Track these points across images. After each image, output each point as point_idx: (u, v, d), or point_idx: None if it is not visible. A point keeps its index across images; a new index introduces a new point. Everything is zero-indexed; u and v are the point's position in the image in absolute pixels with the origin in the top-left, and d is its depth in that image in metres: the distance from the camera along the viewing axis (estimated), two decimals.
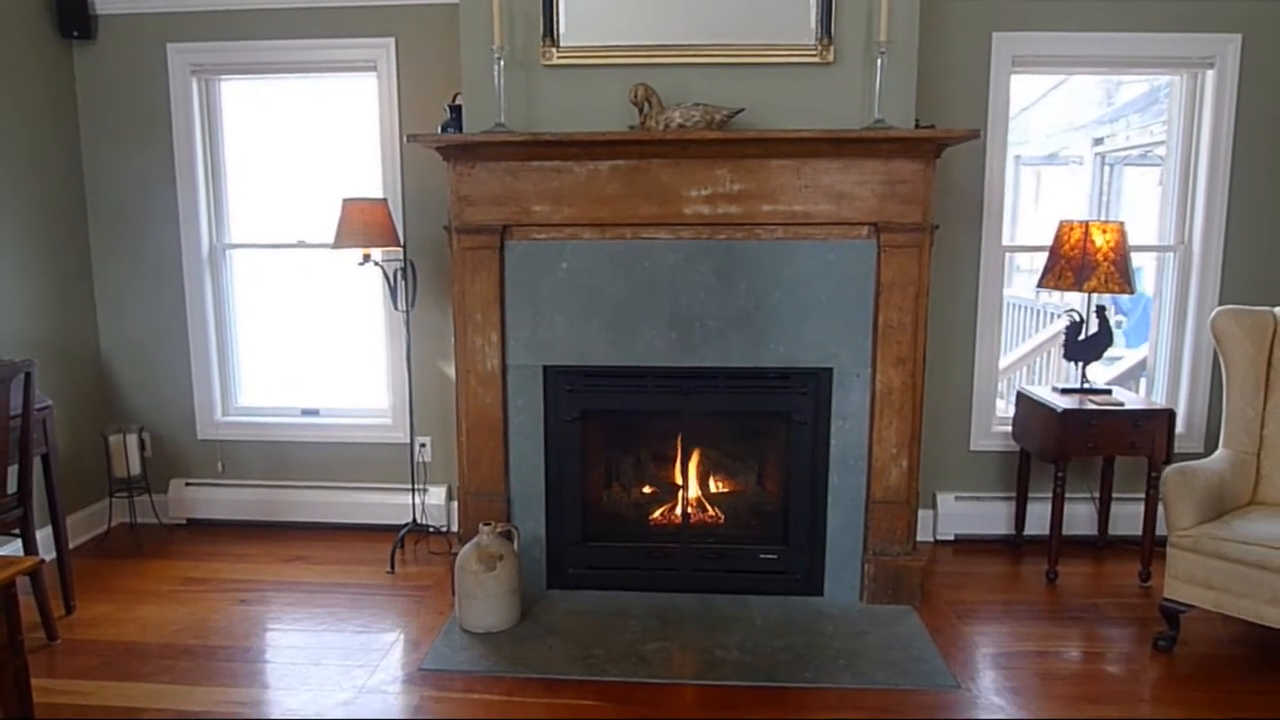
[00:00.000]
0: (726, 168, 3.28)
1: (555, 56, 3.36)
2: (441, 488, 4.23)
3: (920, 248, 3.31)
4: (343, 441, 4.26)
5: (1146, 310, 5.44)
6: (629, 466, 3.84)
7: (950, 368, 4.04)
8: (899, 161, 3.25)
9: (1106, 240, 3.60)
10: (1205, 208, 3.91)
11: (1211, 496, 3.08)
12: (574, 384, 3.50)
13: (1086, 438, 3.60)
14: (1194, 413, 4.07)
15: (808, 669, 3.02)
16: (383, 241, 3.67)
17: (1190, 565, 3.03)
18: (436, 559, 3.94)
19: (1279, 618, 2.87)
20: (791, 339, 3.40)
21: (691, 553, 3.58)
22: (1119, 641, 3.25)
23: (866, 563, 3.49)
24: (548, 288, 3.42)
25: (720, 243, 3.36)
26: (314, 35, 3.93)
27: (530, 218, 3.36)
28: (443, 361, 4.12)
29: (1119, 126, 6.31)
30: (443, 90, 3.76)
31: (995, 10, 3.77)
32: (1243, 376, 3.31)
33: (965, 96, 3.83)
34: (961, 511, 4.15)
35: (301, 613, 3.45)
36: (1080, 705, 2.83)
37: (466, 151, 3.31)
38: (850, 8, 3.28)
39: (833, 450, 3.46)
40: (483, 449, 3.52)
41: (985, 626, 3.36)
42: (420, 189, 4.00)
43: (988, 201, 3.93)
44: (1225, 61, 3.79)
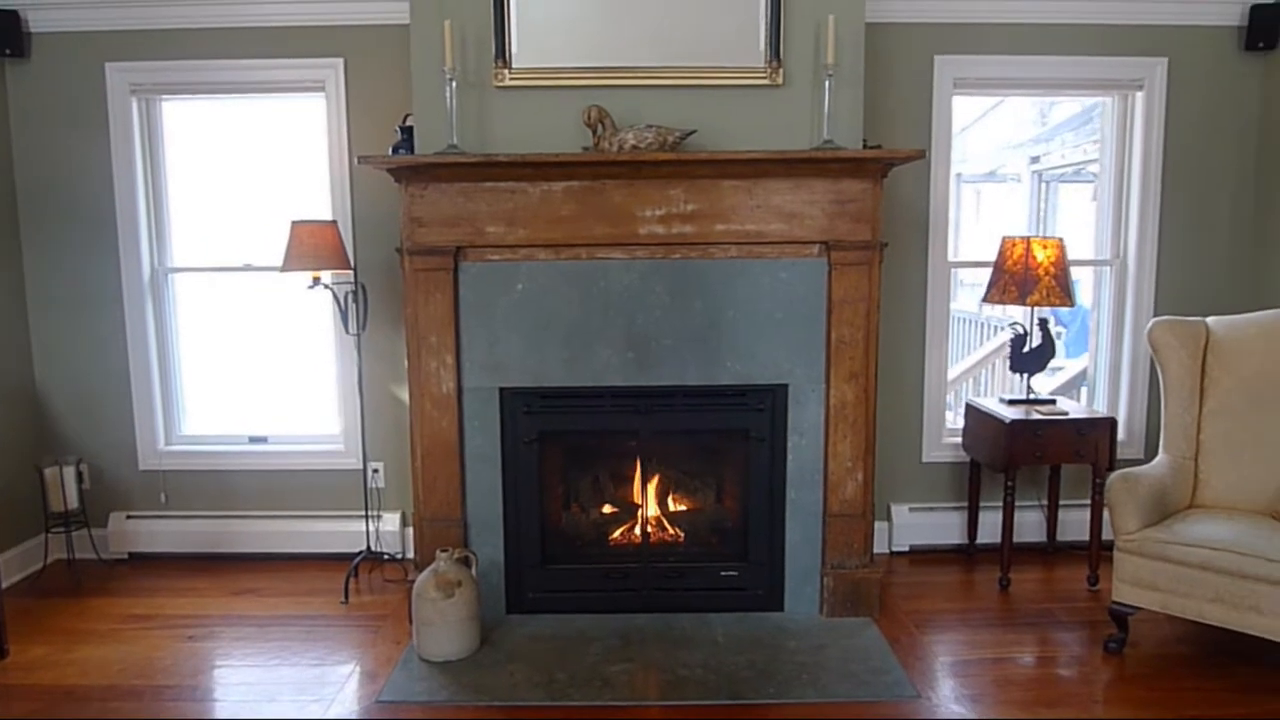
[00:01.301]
0: (680, 188, 3.31)
1: (508, 78, 3.36)
2: (395, 514, 4.16)
3: (870, 265, 3.38)
4: (292, 469, 4.16)
5: (1084, 322, 5.63)
6: (588, 487, 3.83)
7: (901, 381, 4.12)
8: (848, 181, 3.32)
9: (1047, 255, 3.72)
10: (1139, 223, 4.07)
11: (1154, 501, 3.18)
12: (531, 405, 3.48)
13: (1034, 447, 3.69)
14: (1134, 420, 4.21)
15: (771, 685, 3.03)
16: (333, 264, 3.61)
17: (1136, 568, 3.12)
18: (392, 587, 3.87)
19: (1221, 616, 2.97)
20: (747, 356, 3.43)
21: (652, 572, 3.58)
22: (1071, 645, 3.33)
23: (825, 576, 3.52)
24: (503, 309, 3.40)
25: (675, 262, 3.38)
26: (260, 55, 3.87)
27: (484, 239, 3.35)
28: (395, 385, 4.06)
29: (1054, 145, 6.54)
30: (393, 111, 3.74)
31: (936, 34, 3.89)
32: (1179, 384, 3.43)
33: (910, 117, 3.94)
34: (915, 522, 4.22)
35: (253, 647, 3.35)
36: (1036, 709, 2.89)
37: (419, 173, 3.28)
38: (798, 32, 3.35)
39: (790, 466, 3.50)
40: (438, 473, 3.47)
41: (942, 635, 3.42)
42: (370, 211, 3.96)
43: (933, 219, 4.03)
44: (1153, 83, 3.96)
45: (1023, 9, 3.86)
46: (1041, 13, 3.87)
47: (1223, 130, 4.03)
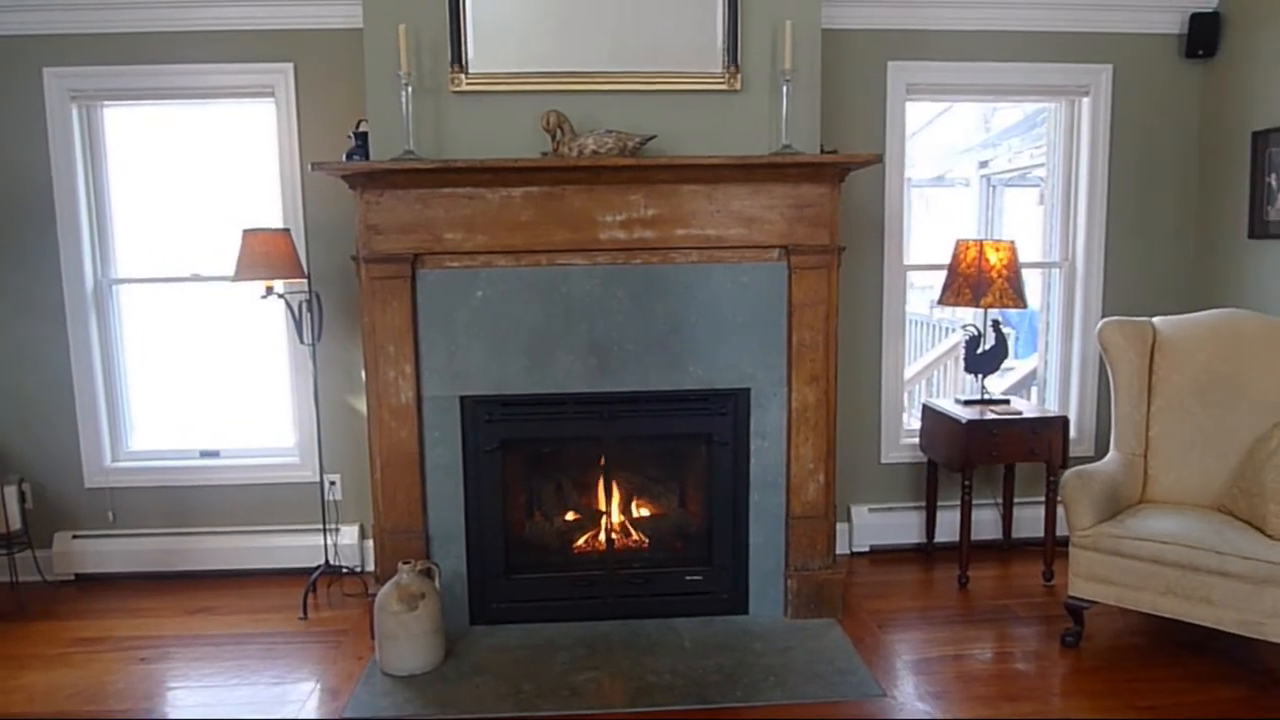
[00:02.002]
0: (640, 193, 3.31)
1: (464, 83, 3.33)
2: (354, 527, 4.08)
3: (829, 269, 3.41)
4: (246, 483, 4.06)
5: (1032, 323, 5.75)
6: (551, 495, 3.80)
7: (859, 384, 4.17)
8: (806, 186, 3.35)
9: (1000, 258, 3.79)
10: (1086, 226, 4.17)
11: (1107, 497, 3.25)
12: (492, 413, 3.44)
13: (990, 446, 3.76)
14: (1084, 418, 4.31)
15: (738, 688, 3.04)
16: (286, 273, 3.54)
17: (1091, 563, 3.20)
18: (352, 601, 3.80)
19: (1173, 608, 3.05)
20: (709, 361, 3.44)
21: (617, 579, 3.56)
22: (1029, 640, 3.39)
23: (789, 578, 3.54)
24: (463, 317, 3.37)
25: (636, 267, 3.38)
26: (206, 60, 3.78)
27: (442, 246, 3.31)
28: (352, 395, 3.99)
29: (1001, 150, 6.68)
30: (345, 117, 3.68)
31: (890, 41, 3.95)
32: (1128, 383, 3.52)
33: (864, 122, 3.99)
34: (875, 523, 4.27)
35: (209, 667, 3.26)
36: (998, 704, 2.94)
37: (374, 179, 3.23)
38: (755, 38, 3.37)
39: (753, 469, 3.51)
40: (398, 484, 3.42)
41: (905, 634, 3.46)
42: (324, 218, 3.89)
43: (888, 223, 4.09)
44: (1099, 89, 4.07)
45: (973, 16, 3.94)
46: (991, 20, 3.95)
47: (1165, 135, 4.15)
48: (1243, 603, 2.92)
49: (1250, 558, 2.90)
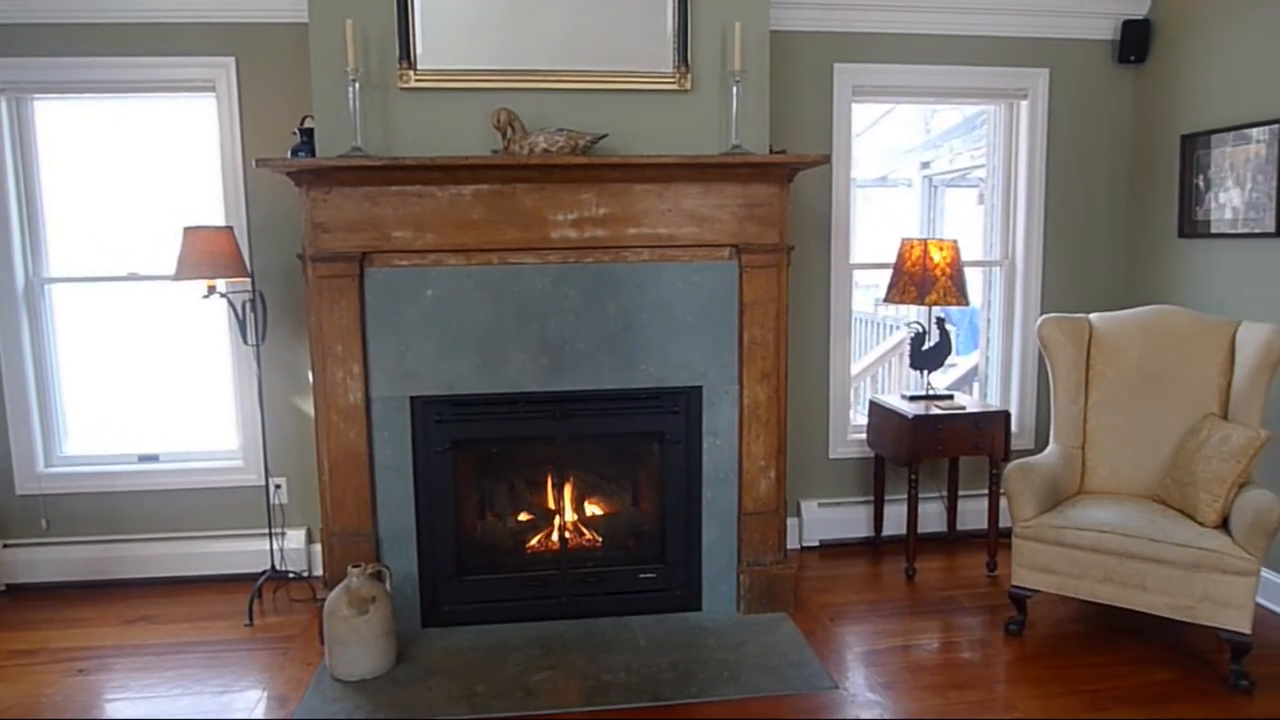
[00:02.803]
0: (592, 192, 3.31)
1: (413, 79, 3.29)
2: (301, 530, 4.00)
3: (779, 267, 3.45)
4: (188, 488, 3.95)
5: (973, 320, 5.90)
6: (503, 495, 3.78)
7: (807, 381, 4.22)
8: (756, 186, 3.38)
9: (943, 257, 3.88)
10: (1025, 225, 4.29)
11: (1048, 489, 3.35)
12: (443, 414, 3.41)
13: (935, 441, 3.84)
14: (1025, 413, 4.43)
15: (693, 684, 3.06)
16: (229, 272, 3.46)
17: (1033, 553, 3.29)
18: (299, 606, 3.72)
19: (1111, 594, 3.16)
20: (661, 359, 3.45)
21: (570, 578, 3.56)
22: (974, 629, 3.48)
23: (741, 574, 3.58)
24: (412, 316, 3.33)
25: (588, 266, 3.37)
26: (144, 53, 3.67)
27: (391, 244, 3.27)
28: (298, 397, 3.92)
29: (942, 151, 6.83)
30: (289, 113, 3.62)
31: (836, 43, 4.01)
32: (1067, 378, 3.63)
33: (812, 123, 4.04)
34: (825, 517, 4.33)
35: (151, 678, 3.17)
36: (946, 692, 3.01)
37: (321, 176, 3.18)
38: (705, 38, 3.40)
39: (705, 466, 3.54)
40: (347, 486, 3.37)
41: (855, 626, 3.52)
42: (268, 216, 3.81)
43: (835, 222, 4.15)
44: (1036, 93, 4.19)
45: (916, 20, 4.02)
46: (933, 24, 4.04)
47: (1100, 138, 4.29)
48: (1175, 588, 3.03)
49: (1182, 544, 3.01)
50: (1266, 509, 2.91)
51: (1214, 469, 3.11)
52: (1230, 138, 3.69)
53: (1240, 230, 3.67)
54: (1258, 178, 3.57)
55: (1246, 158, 3.62)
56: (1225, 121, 3.73)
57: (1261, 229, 3.56)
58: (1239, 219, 3.68)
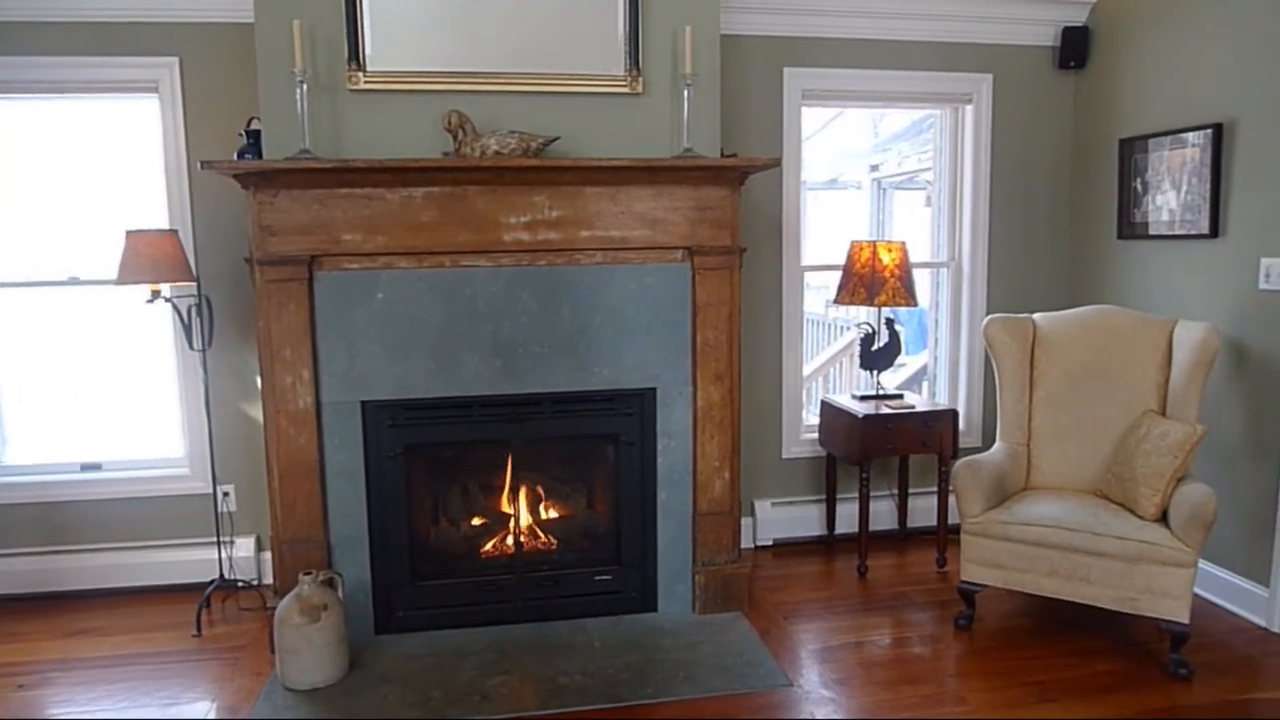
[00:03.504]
0: (545, 194, 3.31)
1: (362, 81, 3.26)
2: (250, 538, 3.93)
3: (731, 269, 3.48)
4: (132, 496, 3.86)
5: (921, 321, 6.01)
6: (457, 499, 3.75)
7: (760, 381, 4.26)
8: (708, 188, 3.40)
9: (892, 258, 3.94)
10: (971, 227, 4.38)
11: (995, 485, 3.42)
12: (395, 418, 3.38)
13: (885, 439, 3.91)
14: (972, 411, 4.52)
15: (649, 685, 3.07)
16: (173, 276, 3.39)
17: (981, 548, 3.35)
18: (249, 615, 3.66)
19: (1056, 588, 3.23)
20: (615, 361, 3.46)
21: (526, 582, 3.54)
22: (925, 624, 3.54)
23: (696, 574, 3.60)
24: (363, 320, 3.29)
25: (541, 269, 3.37)
26: (83, 53, 3.58)
27: (341, 247, 3.23)
28: (245, 402, 3.85)
29: (890, 154, 6.94)
30: (235, 114, 3.56)
31: (786, 48, 4.05)
32: (1012, 376, 3.71)
33: (762, 126, 4.08)
34: (778, 517, 4.37)
35: (95, 691, 3.09)
36: (898, 687, 3.06)
37: (269, 179, 3.13)
38: (656, 42, 3.41)
39: (660, 468, 3.55)
40: (297, 493, 3.32)
41: (809, 624, 3.56)
42: (213, 219, 3.74)
43: (786, 224, 4.19)
44: (980, 97, 4.28)
45: (864, 26, 4.08)
46: (881, 30, 4.11)
47: (1042, 141, 4.39)
48: (1118, 580, 3.12)
49: (1124, 538, 3.10)
50: (1203, 502, 3.01)
51: (1153, 464, 3.20)
52: (1167, 142, 3.81)
53: (1177, 232, 3.79)
54: (1193, 181, 3.68)
55: (1182, 161, 3.73)
56: (1162, 126, 3.85)
57: (1197, 230, 3.68)
58: (1175, 221, 3.79)
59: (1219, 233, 3.59)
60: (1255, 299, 3.45)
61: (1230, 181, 3.54)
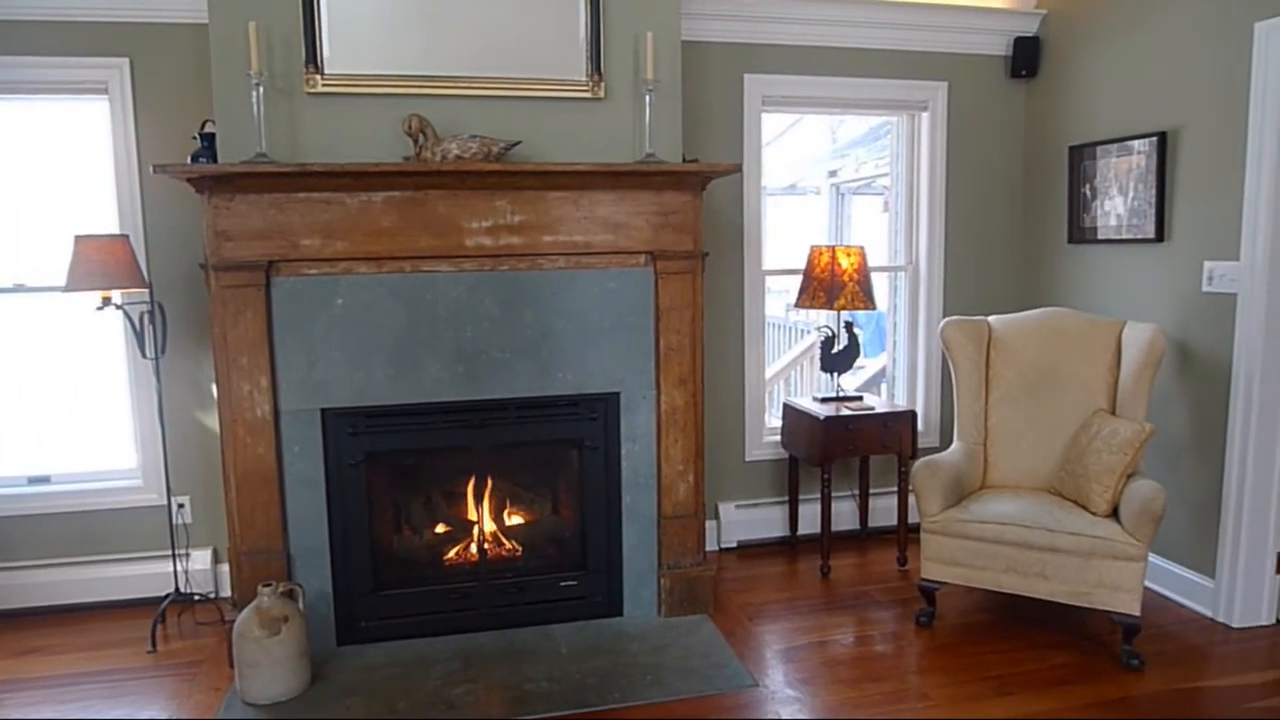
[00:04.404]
0: (506, 199, 3.29)
1: (320, 84, 3.21)
2: (206, 550, 3.85)
3: (693, 274, 3.50)
4: (83, 510, 3.76)
5: (879, 324, 6.09)
6: (420, 507, 3.71)
7: (723, 385, 4.29)
8: (670, 193, 3.42)
9: (851, 262, 3.99)
10: (928, 232, 4.46)
11: (953, 484, 3.48)
12: (356, 426, 3.34)
13: (846, 441, 3.95)
14: (930, 412, 4.60)
15: (616, 690, 3.06)
16: (125, 282, 3.31)
17: (940, 547, 3.41)
18: (206, 629, 3.58)
19: (1014, 584, 3.30)
20: (578, 366, 3.46)
21: (490, 589, 3.52)
22: (887, 622, 3.59)
23: (662, 578, 3.60)
24: (322, 326, 3.25)
25: (504, 274, 3.36)
26: (29, 52, 3.48)
27: (299, 252, 3.18)
28: (201, 411, 3.77)
29: (848, 160, 7.04)
30: (188, 117, 3.50)
31: (746, 54, 4.09)
32: (968, 377, 3.79)
33: (723, 132, 4.12)
34: (742, 519, 4.40)
35: (47, 711, 2.99)
36: (862, 685, 3.10)
37: (224, 183, 3.08)
38: (618, 47, 3.42)
39: (624, 472, 3.55)
40: (256, 503, 3.26)
41: (773, 624, 3.58)
42: (166, 224, 3.66)
43: (747, 229, 4.23)
44: (936, 105, 4.36)
45: (822, 33, 4.14)
46: (839, 38, 4.17)
47: (995, 148, 4.49)
48: (1072, 575, 3.19)
49: (1077, 533, 3.17)
50: (1152, 498, 3.09)
51: (1104, 461, 3.29)
52: (1114, 149, 3.91)
53: (1124, 236, 3.89)
54: (1139, 187, 3.79)
55: (1129, 168, 3.84)
56: (1109, 134, 3.96)
57: (1143, 235, 3.79)
58: (1123, 225, 3.90)
59: (1164, 237, 3.71)
60: (1199, 300, 3.56)
61: (1174, 187, 3.65)
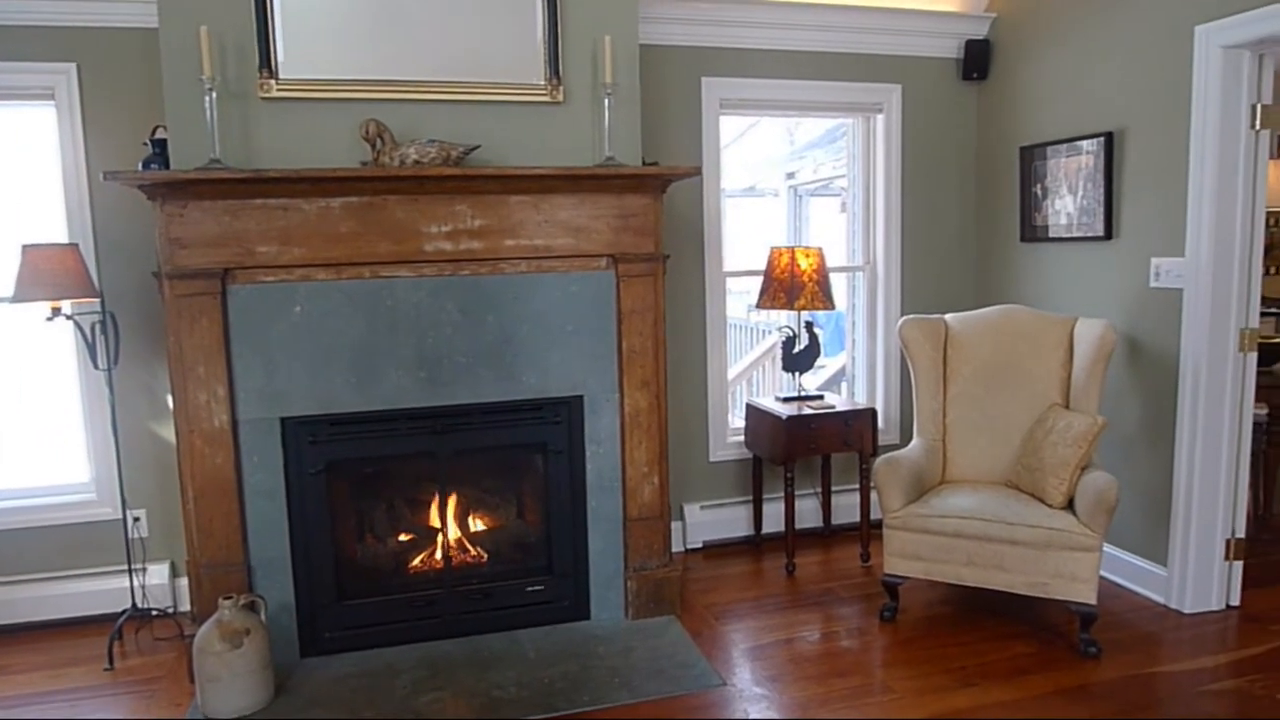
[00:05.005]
0: (466, 204, 3.28)
1: (275, 89, 3.18)
2: (164, 564, 3.78)
3: (655, 276, 3.51)
4: (34, 525, 3.66)
5: (838, 323, 6.16)
6: (383, 515, 3.68)
7: (686, 386, 4.31)
8: (631, 197, 3.43)
9: (810, 263, 4.04)
10: (885, 232, 4.52)
11: (913, 480, 3.54)
12: (317, 434, 3.30)
13: (808, 440, 4.00)
14: (890, 409, 4.66)
15: (585, 693, 3.06)
16: (75, 292, 3.24)
17: (902, 542, 3.46)
18: (165, 645, 3.51)
19: (974, 576, 3.36)
20: (541, 370, 3.45)
21: (456, 596, 3.50)
22: (852, 618, 3.63)
23: (628, 580, 3.61)
24: (280, 334, 3.21)
25: (465, 278, 3.34)
26: None
27: (255, 259, 3.14)
28: (156, 423, 3.70)
29: (806, 162, 7.11)
30: (139, 123, 3.44)
31: (704, 58, 4.12)
32: (927, 375, 3.85)
33: (682, 135, 4.14)
34: (707, 519, 4.43)
35: None
36: (829, 680, 3.13)
37: (177, 190, 3.02)
38: (576, 51, 3.43)
39: (589, 475, 3.55)
40: (214, 515, 3.21)
41: (740, 623, 3.61)
42: (117, 232, 3.59)
43: (707, 231, 4.26)
44: (891, 107, 4.43)
45: (779, 37, 4.18)
46: (795, 41, 4.21)
47: (949, 149, 4.57)
48: (1030, 566, 3.26)
49: (1034, 525, 3.24)
50: (1105, 489, 3.17)
51: (1059, 455, 3.36)
52: (1064, 149, 4.01)
53: (1075, 234, 3.99)
54: (1088, 186, 3.89)
55: (1078, 167, 3.93)
56: (1059, 134, 4.05)
57: (1093, 233, 3.88)
58: (1073, 224, 3.99)
59: (1113, 234, 3.80)
60: (1147, 296, 3.66)
61: (1122, 186, 3.75)
